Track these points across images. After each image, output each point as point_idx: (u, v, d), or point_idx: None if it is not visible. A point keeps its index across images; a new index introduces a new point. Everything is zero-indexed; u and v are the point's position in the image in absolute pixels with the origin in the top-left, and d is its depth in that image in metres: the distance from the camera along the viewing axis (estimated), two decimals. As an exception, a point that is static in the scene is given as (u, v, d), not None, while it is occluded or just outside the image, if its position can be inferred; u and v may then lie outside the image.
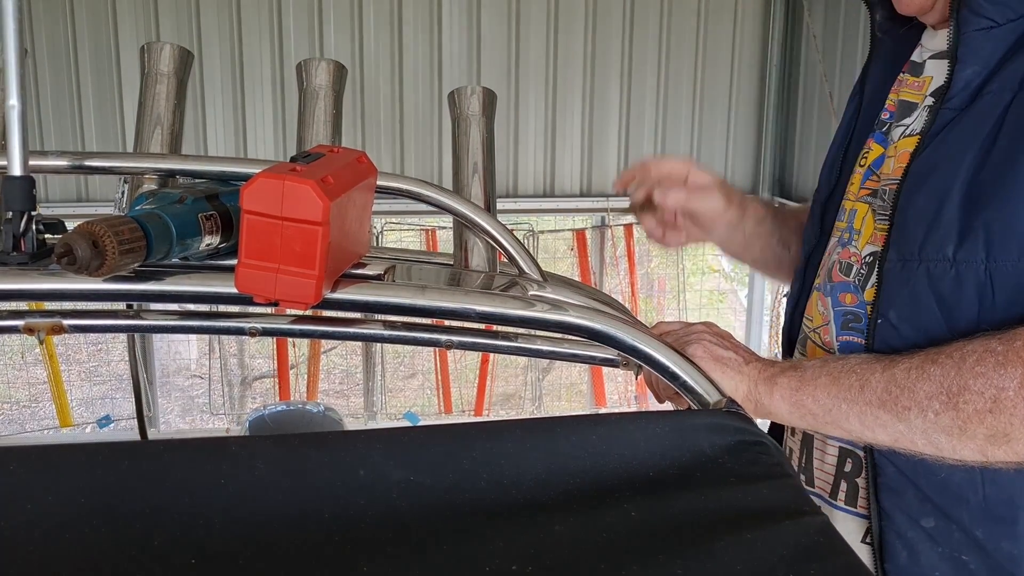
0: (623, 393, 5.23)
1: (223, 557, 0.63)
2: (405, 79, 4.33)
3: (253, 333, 0.94)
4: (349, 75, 1.83)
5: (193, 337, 5.95)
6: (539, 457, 0.74)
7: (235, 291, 0.77)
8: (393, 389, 5.62)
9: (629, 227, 4.68)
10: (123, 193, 1.00)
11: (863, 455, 1.00)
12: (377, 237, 4.60)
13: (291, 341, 4.70)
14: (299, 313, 0.93)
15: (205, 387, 5.35)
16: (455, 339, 0.95)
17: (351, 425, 4.43)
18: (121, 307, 0.99)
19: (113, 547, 0.63)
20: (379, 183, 0.90)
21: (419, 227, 4.74)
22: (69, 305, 0.87)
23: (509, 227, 1.00)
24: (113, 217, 0.73)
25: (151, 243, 0.74)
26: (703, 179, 1.17)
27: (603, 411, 4.95)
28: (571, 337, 0.89)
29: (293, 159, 0.79)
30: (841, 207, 1.08)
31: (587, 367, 4.96)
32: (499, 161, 3.61)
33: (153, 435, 4.44)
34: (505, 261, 1.03)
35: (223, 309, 0.95)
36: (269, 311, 0.94)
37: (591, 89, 4.44)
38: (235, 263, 0.76)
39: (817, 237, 1.13)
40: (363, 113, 4.33)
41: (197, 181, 0.92)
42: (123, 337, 4.02)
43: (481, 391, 5.00)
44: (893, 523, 0.98)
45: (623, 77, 4.45)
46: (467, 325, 0.93)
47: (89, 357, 5.79)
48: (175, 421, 5.94)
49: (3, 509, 0.65)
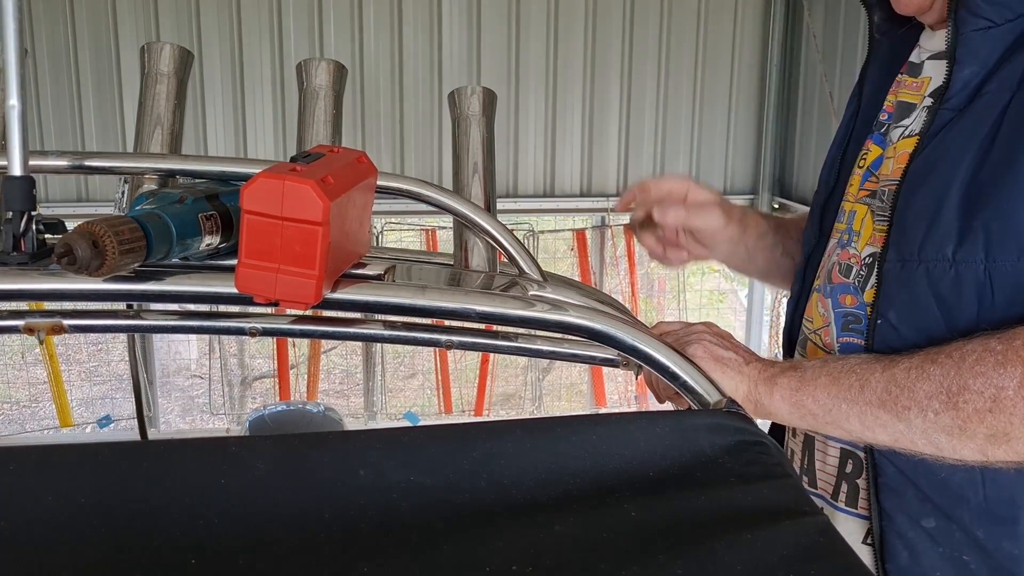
0: (623, 393, 5.24)
1: (223, 557, 0.63)
2: (405, 79, 4.33)
3: (253, 333, 0.94)
4: (349, 75, 1.83)
5: (193, 337, 5.95)
6: (539, 457, 0.74)
7: (235, 291, 0.77)
8: (393, 389, 5.62)
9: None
10: (123, 193, 1.00)
11: (863, 456, 0.99)
12: (377, 237, 4.60)
13: (291, 341, 4.71)
14: (299, 313, 0.93)
15: (205, 387, 5.35)
16: (455, 339, 0.95)
17: (351, 425, 4.44)
18: (121, 307, 0.99)
19: (113, 547, 0.63)
20: (379, 183, 0.90)
21: (419, 227, 4.74)
22: (69, 305, 0.87)
23: (509, 227, 1.00)
24: (113, 217, 0.73)
25: (151, 243, 0.74)
26: (702, 196, 1.17)
27: (603, 411, 4.95)
28: (571, 337, 0.89)
29: (293, 159, 0.79)
30: (840, 208, 1.08)
31: (587, 367, 4.96)
32: (499, 161, 3.61)
33: (153, 435, 4.45)
34: (505, 261, 1.03)
35: (223, 309, 0.95)
36: (269, 311, 0.94)
37: (591, 89, 4.45)
38: (235, 263, 0.76)
39: (816, 239, 1.13)
40: (363, 113, 4.33)
41: (197, 181, 0.92)
42: (123, 337, 4.02)
43: (481, 391, 5.00)
44: (894, 523, 0.98)
45: (623, 77, 4.46)
46: (467, 325, 0.93)
47: (89, 357, 5.79)
48: (175, 421, 5.94)
49: (3, 509, 0.65)
